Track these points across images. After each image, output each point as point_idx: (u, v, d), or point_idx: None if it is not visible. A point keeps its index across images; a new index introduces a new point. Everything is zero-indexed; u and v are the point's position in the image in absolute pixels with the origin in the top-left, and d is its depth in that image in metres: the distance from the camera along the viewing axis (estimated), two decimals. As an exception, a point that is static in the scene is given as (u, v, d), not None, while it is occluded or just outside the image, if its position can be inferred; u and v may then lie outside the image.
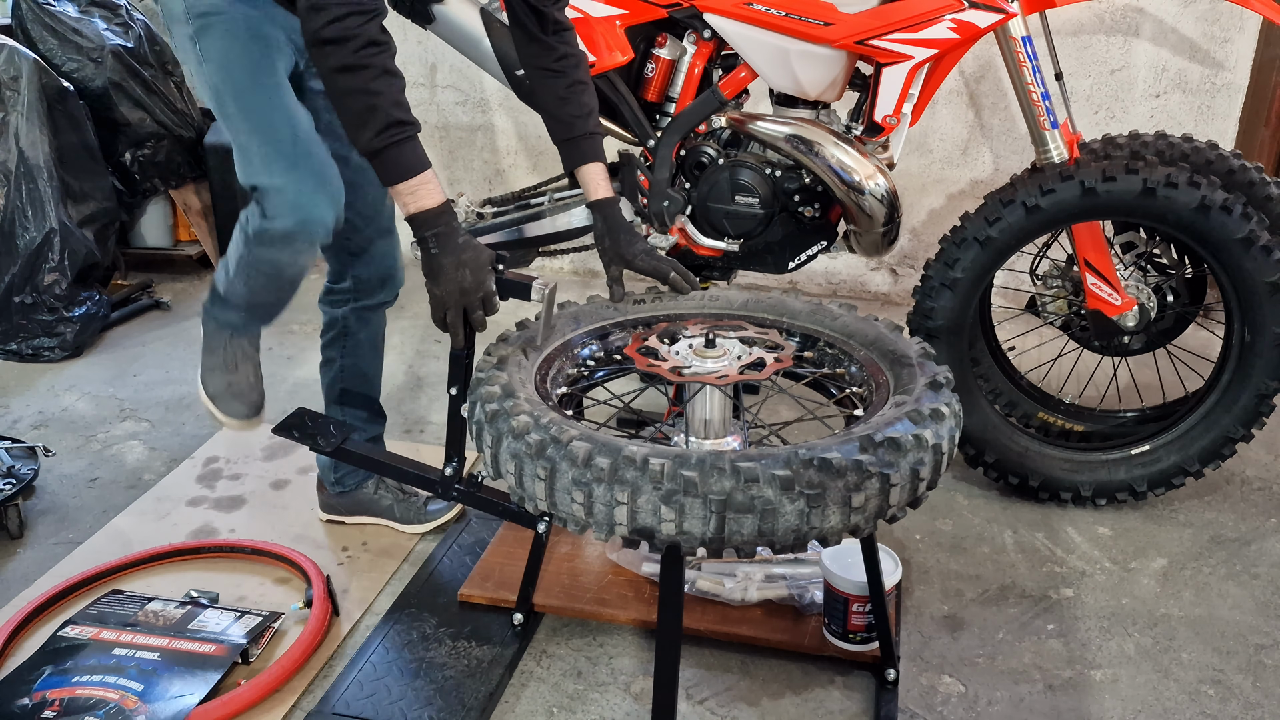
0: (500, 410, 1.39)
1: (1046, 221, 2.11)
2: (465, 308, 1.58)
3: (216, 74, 1.71)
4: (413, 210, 1.55)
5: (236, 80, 1.71)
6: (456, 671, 1.81)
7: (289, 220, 1.71)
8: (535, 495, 1.34)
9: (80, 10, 3.47)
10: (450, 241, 1.56)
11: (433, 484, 1.82)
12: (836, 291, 3.70)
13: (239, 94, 1.71)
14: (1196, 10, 3.06)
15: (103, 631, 1.88)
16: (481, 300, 1.58)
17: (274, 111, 1.71)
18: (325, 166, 1.73)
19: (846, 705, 1.77)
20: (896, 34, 2.06)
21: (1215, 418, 2.22)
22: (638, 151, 2.30)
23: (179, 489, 2.45)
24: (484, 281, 1.57)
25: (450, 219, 1.57)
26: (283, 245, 1.75)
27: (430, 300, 1.59)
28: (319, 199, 1.71)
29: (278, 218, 1.71)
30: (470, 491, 1.81)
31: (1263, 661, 1.87)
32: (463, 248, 1.56)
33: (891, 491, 1.28)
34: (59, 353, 3.18)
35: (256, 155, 1.70)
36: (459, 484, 1.80)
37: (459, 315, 1.58)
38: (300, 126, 1.72)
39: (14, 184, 3.16)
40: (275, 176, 1.69)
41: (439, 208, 1.56)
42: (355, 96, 1.49)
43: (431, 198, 1.55)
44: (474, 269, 1.56)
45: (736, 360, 1.54)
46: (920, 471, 1.31)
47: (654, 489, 1.24)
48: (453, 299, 1.57)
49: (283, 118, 1.71)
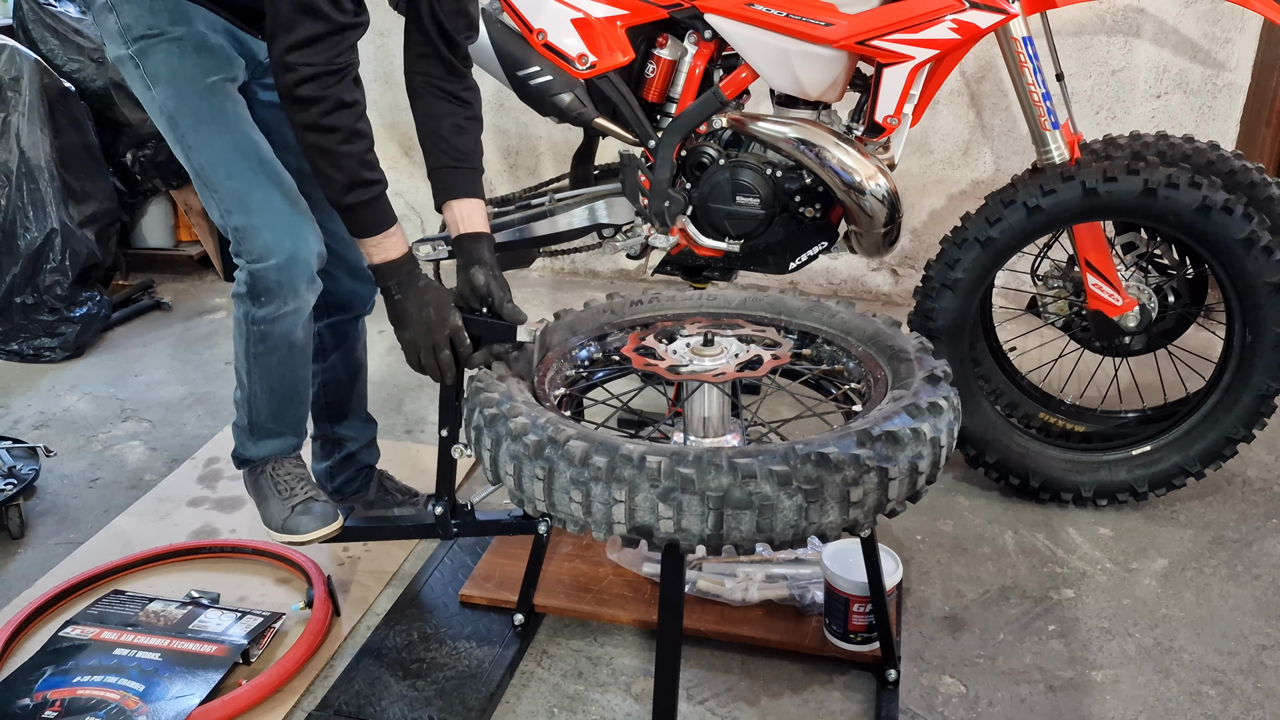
0: (499, 413, 1.39)
1: (1047, 222, 2.11)
2: (435, 345, 1.61)
3: (170, 99, 1.65)
4: (377, 261, 1.61)
5: (193, 105, 1.65)
6: (457, 672, 1.81)
7: (278, 255, 1.67)
8: (534, 496, 1.34)
9: (81, 10, 3.47)
10: (412, 286, 1.62)
11: (431, 528, 1.87)
12: (837, 292, 3.70)
13: (198, 122, 1.65)
14: (1197, 11, 3.06)
15: (104, 632, 1.88)
16: (449, 337, 1.61)
17: (238, 140, 1.67)
18: (293, 191, 1.71)
19: (847, 706, 1.77)
20: (897, 34, 2.06)
21: (1216, 418, 2.21)
22: (638, 152, 2.30)
23: (180, 489, 2.46)
24: (448, 318, 1.61)
25: (412, 267, 1.62)
26: (280, 288, 1.69)
27: (402, 346, 1.63)
28: (297, 224, 1.68)
29: (266, 256, 1.67)
30: (467, 523, 1.86)
31: (1264, 662, 1.87)
32: (424, 289, 1.62)
33: (890, 486, 1.28)
34: (60, 353, 3.18)
35: (226, 193, 1.67)
36: (454, 519, 1.85)
37: (431, 354, 1.62)
38: (263, 153, 1.69)
39: (15, 184, 3.17)
40: (252, 215, 1.66)
41: (401, 258, 1.62)
42: (324, 155, 1.53)
43: (396, 249, 1.61)
44: (437, 307, 1.61)
45: (734, 358, 1.54)
46: (919, 465, 1.31)
47: (651, 487, 1.24)
48: (421, 338, 1.61)
49: (248, 147, 1.68)
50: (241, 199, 1.66)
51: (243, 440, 1.91)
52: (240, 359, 1.81)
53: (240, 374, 1.83)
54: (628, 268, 3.90)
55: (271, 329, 1.75)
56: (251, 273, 1.69)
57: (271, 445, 1.90)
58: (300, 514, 1.84)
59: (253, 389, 1.83)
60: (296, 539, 1.84)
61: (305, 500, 1.85)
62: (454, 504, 1.84)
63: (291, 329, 1.77)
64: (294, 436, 1.92)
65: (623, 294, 1.84)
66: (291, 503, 1.85)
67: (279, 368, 1.81)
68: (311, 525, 1.84)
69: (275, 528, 1.86)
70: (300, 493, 1.87)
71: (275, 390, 1.84)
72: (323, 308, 2.05)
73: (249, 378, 1.82)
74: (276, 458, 1.91)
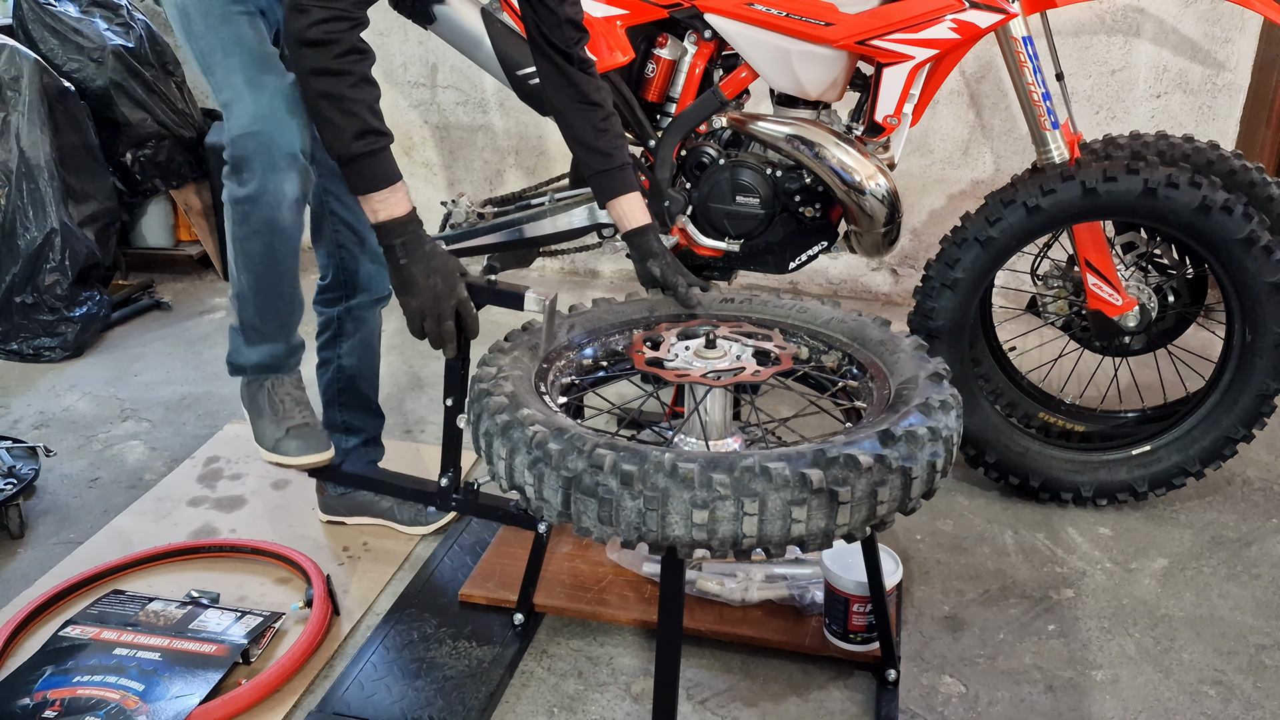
0: (513, 420, 1.36)
1: (1047, 222, 2.11)
2: (440, 315, 1.58)
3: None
4: (382, 218, 1.55)
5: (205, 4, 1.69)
6: (457, 672, 1.81)
7: (258, 127, 1.66)
8: (555, 505, 1.31)
9: (81, 10, 3.47)
10: (418, 250, 1.56)
11: (431, 496, 1.84)
12: (837, 292, 3.69)
13: (206, 14, 1.69)
14: (1197, 10, 3.06)
15: (104, 631, 1.88)
16: (455, 308, 1.59)
17: (240, 31, 1.69)
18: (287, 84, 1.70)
19: (847, 706, 1.77)
20: (897, 34, 2.06)
21: (1216, 418, 2.22)
22: (638, 152, 2.30)
23: (180, 489, 2.46)
24: (455, 288, 1.58)
25: (417, 227, 1.58)
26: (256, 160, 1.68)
27: (405, 313, 1.59)
28: (280, 105, 1.67)
29: (247, 131, 1.66)
30: (469, 500, 1.83)
31: (1263, 662, 1.87)
32: (431, 255, 1.57)
33: (913, 485, 1.28)
34: (60, 353, 3.18)
35: (220, 68, 1.69)
36: (456, 494, 1.82)
37: (436, 324, 1.59)
38: (267, 48, 1.71)
39: (15, 184, 3.16)
40: (239, 89, 1.67)
41: (406, 216, 1.56)
42: (332, 101, 1.49)
43: (401, 207, 1.56)
44: (444, 276, 1.57)
45: (736, 360, 1.54)
46: (936, 463, 1.31)
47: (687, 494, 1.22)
48: (428, 307, 1.58)
49: (250, 37, 1.70)
50: (232, 75, 1.68)
51: (237, 344, 1.90)
52: (230, 248, 1.80)
53: (231, 266, 1.82)
54: (627, 267, 3.90)
55: (252, 209, 1.72)
56: (230, 142, 1.69)
57: (262, 351, 1.88)
58: (293, 437, 1.84)
59: (241, 281, 1.82)
60: (284, 461, 1.84)
61: (300, 425, 1.85)
62: (458, 478, 1.82)
63: (273, 211, 1.73)
64: (282, 343, 1.89)
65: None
66: (286, 424, 1.85)
67: (262, 255, 1.77)
68: (301, 449, 1.84)
69: (266, 446, 1.85)
70: (296, 416, 1.86)
71: (260, 282, 1.81)
72: (341, 289, 2.07)
73: (236, 267, 1.81)
74: (274, 374, 1.89)
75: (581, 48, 1.84)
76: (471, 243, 2.34)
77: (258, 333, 1.86)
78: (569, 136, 1.89)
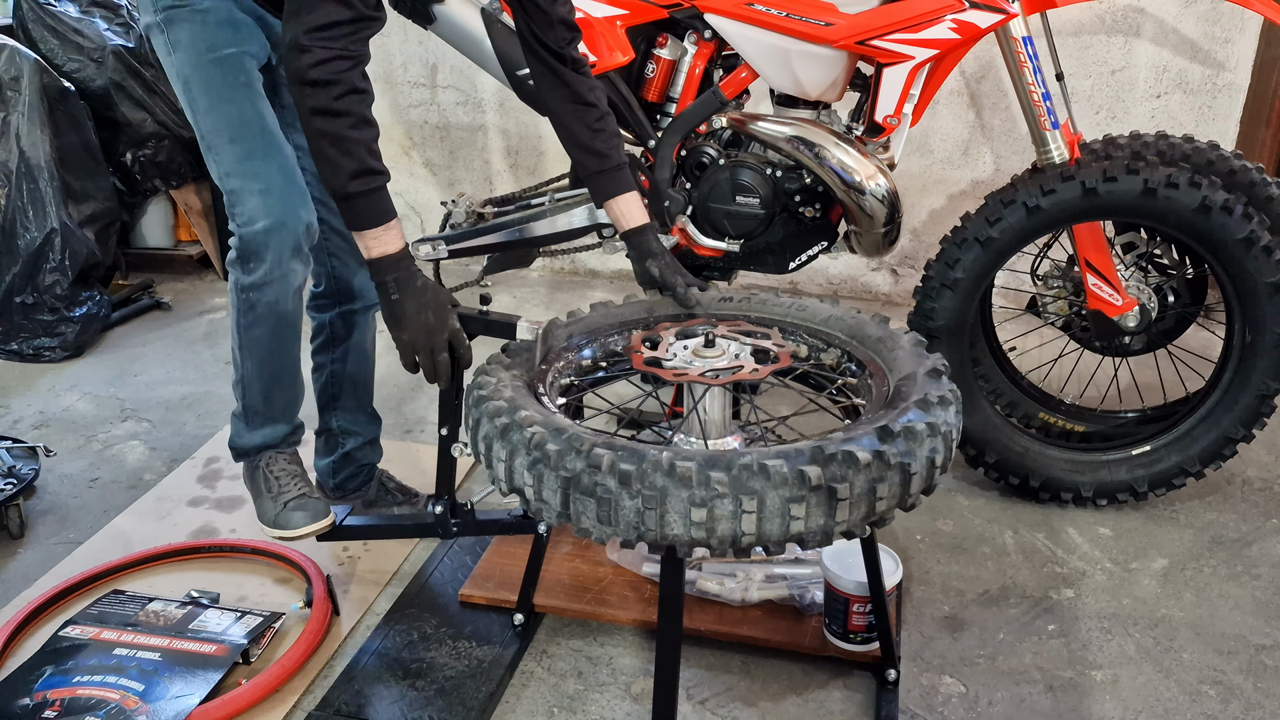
0: (513, 423, 1.36)
1: (1047, 222, 2.11)
2: (432, 349, 1.60)
3: (187, 64, 1.73)
4: (375, 254, 1.58)
5: (206, 73, 1.72)
6: (457, 672, 1.81)
7: (266, 219, 1.71)
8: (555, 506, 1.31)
9: (81, 10, 3.47)
10: (410, 285, 1.59)
11: (431, 528, 1.86)
12: (837, 292, 3.70)
13: (208, 87, 1.72)
14: (1197, 11, 3.06)
15: (103, 631, 1.88)
16: (448, 340, 1.61)
17: (243, 109, 1.72)
18: (291, 163, 1.75)
19: (847, 706, 1.77)
20: (897, 34, 2.06)
21: (1216, 418, 2.22)
22: (638, 152, 2.30)
23: (180, 489, 2.46)
24: (447, 321, 1.61)
25: (410, 264, 1.61)
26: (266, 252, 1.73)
27: (398, 346, 1.61)
28: (290, 193, 1.72)
29: (254, 220, 1.71)
30: (466, 522, 1.86)
31: (1263, 662, 1.87)
32: (422, 290, 1.60)
33: (912, 481, 1.28)
34: (60, 353, 3.18)
35: (226, 154, 1.72)
36: (454, 518, 1.85)
37: (429, 357, 1.61)
38: (268, 125, 1.74)
39: (15, 184, 3.17)
40: (246, 179, 1.71)
41: (399, 253, 1.59)
42: (331, 141, 1.51)
43: (394, 244, 1.58)
44: (435, 309, 1.60)
45: (735, 359, 1.54)
46: (935, 459, 1.31)
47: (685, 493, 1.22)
48: (420, 341, 1.60)
49: (252, 116, 1.73)
50: (238, 163, 1.72)
51: (239, 428, 1.93)
52: (234, 335, 1.84)
53: (235, 353, 1.86)
54: (627, 267, 3.90)
55: (259, 297, 1.77)
56: (240, 236, 1.73)
57: (264, 433, 1.91)
58: (292, 510, 1.86)
59: (245, 367, 1.85)
60: (287, 534, 1.87)
61: (297, 497, 1.88)
62: (454, 503, 1.85)
63: (279, 299, 1.78)
64: (285, 424, 1.93)
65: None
66: (283, 499, 1.88)
67: (268, 341, 1.82)
68: (302, 521, 1.86)
69: (268, 523, 1.89)
70: (292, 489, 1.89)
71: (265, 367, 1.85)
72: (334, 296, 2.09)
73: (241, 353, 1.84)
74: (271, 451, 1.92)
75: (574, 47, 1.84)
76: (472, 243, 2.34)
77: (261, 416, 1.90)
78: (564, 137, 1.89)
